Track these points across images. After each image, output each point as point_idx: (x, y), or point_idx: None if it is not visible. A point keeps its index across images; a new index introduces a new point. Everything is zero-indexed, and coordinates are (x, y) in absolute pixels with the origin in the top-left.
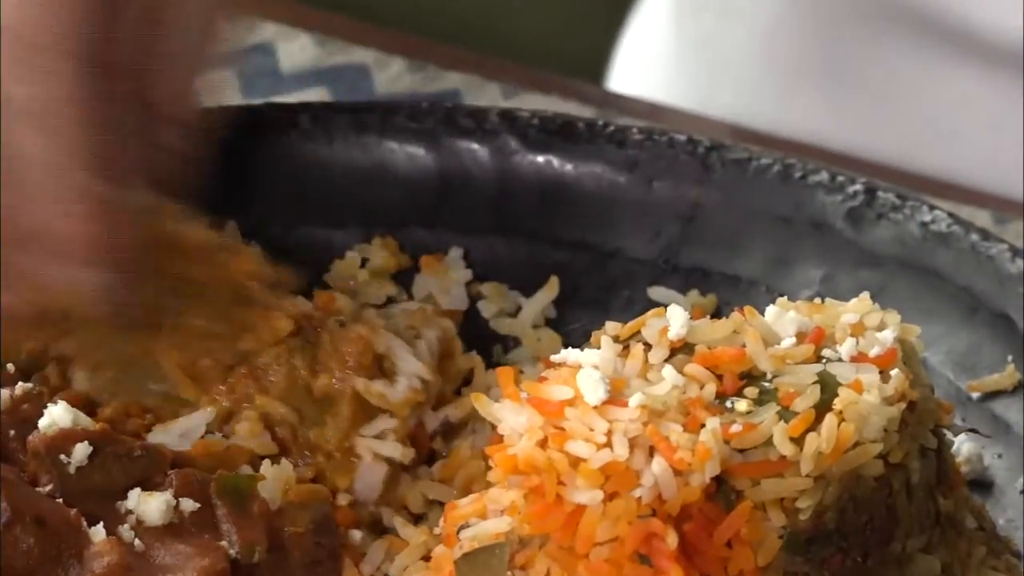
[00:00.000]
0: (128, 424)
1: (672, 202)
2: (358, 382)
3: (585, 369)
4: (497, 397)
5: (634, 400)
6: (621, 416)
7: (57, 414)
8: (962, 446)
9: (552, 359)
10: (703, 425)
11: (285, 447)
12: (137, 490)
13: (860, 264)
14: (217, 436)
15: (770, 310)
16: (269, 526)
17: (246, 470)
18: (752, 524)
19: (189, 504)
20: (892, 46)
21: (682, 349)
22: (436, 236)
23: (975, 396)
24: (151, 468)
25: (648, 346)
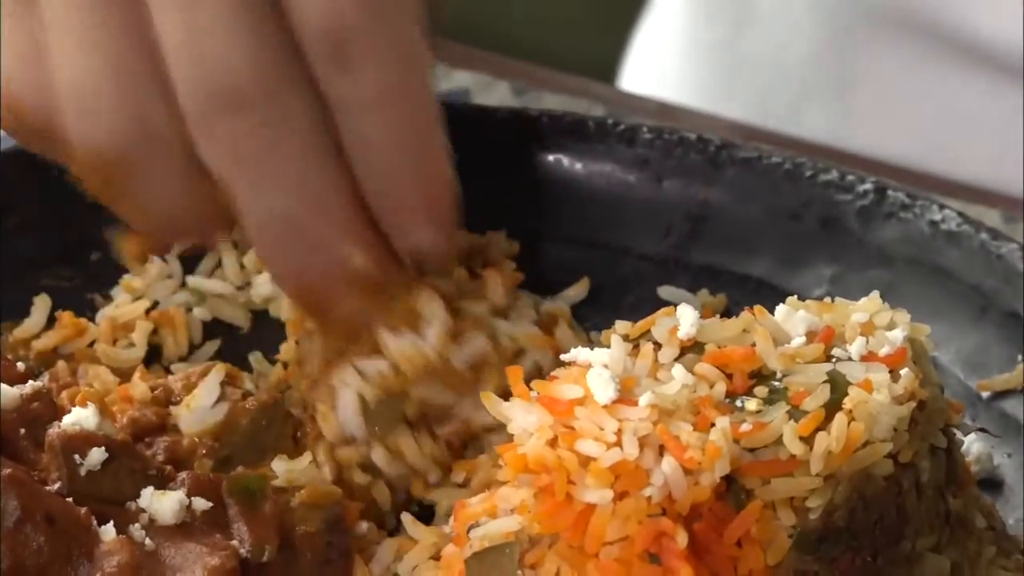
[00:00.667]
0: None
1: (682, 201)
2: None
3: (595, 368)
4: None
5: (644, 399)
6: (631, 415)
7: (83, 415)
8: (972, 445)
9: (562, 358)
10: (713, 424)
11: None
12: (150, 488)
13: (870, 263)
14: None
15: (780, 309)
16: (280, 526)
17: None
18: (762, 523)
19: (201, 503)
20: (902, 54)
21: (692, 348)
22: None
23: (985, 395)
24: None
25: (658, 345)
